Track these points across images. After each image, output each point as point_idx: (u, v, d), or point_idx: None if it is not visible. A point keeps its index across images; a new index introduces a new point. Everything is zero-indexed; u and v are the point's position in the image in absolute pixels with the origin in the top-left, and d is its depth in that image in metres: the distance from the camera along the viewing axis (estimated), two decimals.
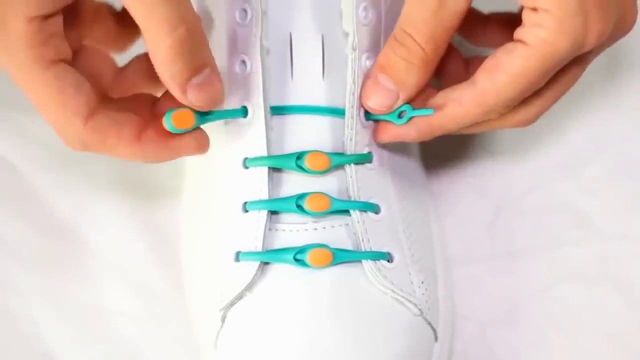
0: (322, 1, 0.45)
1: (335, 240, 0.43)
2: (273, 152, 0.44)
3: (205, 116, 0.41)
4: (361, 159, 0.45)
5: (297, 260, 0.43)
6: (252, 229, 0.43)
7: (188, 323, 0.48)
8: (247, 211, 0.44)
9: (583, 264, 0.51)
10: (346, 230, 0.44)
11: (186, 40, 0.38)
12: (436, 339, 0.45)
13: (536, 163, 0.54)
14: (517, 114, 0.44)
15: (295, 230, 0.44)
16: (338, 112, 0.44)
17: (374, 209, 0.45)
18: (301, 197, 0.43)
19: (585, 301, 0.50)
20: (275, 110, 0.44)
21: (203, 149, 0.42)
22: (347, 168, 0.44)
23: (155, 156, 0.41)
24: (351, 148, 0.44)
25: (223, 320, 0.44)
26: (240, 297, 0.43)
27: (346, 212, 0.44)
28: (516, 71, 0.41)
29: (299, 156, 0.43)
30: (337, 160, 0.44)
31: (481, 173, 0.54)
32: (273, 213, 0.44)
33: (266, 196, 0.43)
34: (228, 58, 0.44)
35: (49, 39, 0.39)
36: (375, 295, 0.43)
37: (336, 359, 0.41)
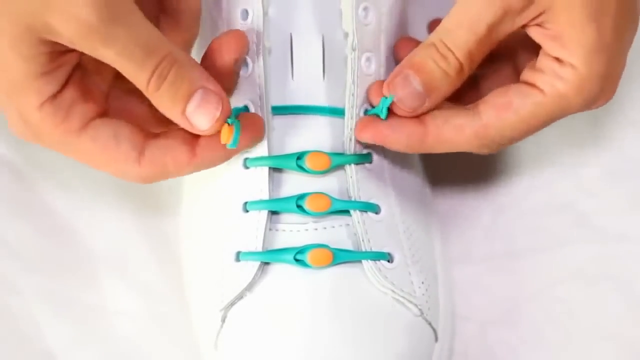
0: (323, 1, 0.45)
1: (335, 240, 0.43)
2: (273, 152, 0.44)
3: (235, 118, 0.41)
4: (361, 159, 0.45)
5: (298, 260, 0.43)
6: (253, 229, 0.43)
7: (188, 323, 0.48)
8: (248, 211, 0.44)
9: (583, 264, 0.51)
10: (346, 230, 0.44)
11: (165, 69, 0.38)
12: (436, 339, 0.45)
13: (536, 163, 0.54)
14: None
15: (295, 230, 0.44)
16: (338, 112, 0.44)
17: (374, 209, 0.45)
18: (301, 197, 0.43)
19: (585, 301, 0.50)
20: (275, 110, 0.44)
21: (260, 135, 0.43)
22: (348, 168, 0.44)
23: (215, 163, 0.42)
24: (351, 148, 0.44)
25: (223, 320, 0.44)
26: (240, 297, 0.43)
27: (346, 212, 0.44)
28: (526, 115, 0.42)
29: (300, 156, 0.43)
30: (338, 160, 0.44)
31: (481, 173, 0.54)
32: (273, 213, 0.44)
33: (267, 196, 0.43)
34: None
35: (69, 111, 0.39)
36: (375, 295, 0.43)
37: (336, 359, 0.41)
